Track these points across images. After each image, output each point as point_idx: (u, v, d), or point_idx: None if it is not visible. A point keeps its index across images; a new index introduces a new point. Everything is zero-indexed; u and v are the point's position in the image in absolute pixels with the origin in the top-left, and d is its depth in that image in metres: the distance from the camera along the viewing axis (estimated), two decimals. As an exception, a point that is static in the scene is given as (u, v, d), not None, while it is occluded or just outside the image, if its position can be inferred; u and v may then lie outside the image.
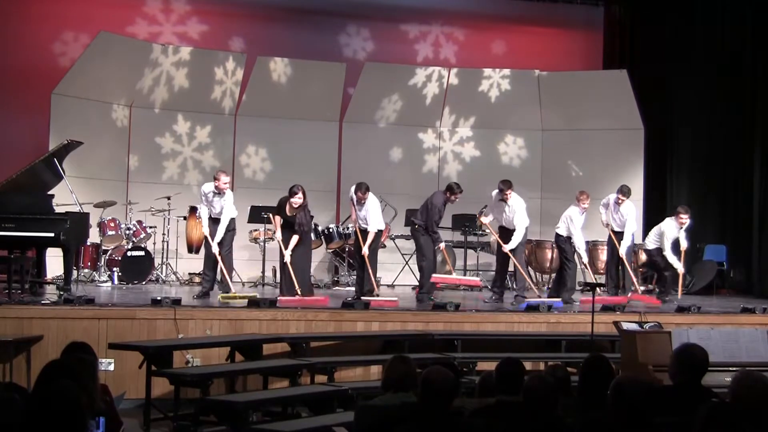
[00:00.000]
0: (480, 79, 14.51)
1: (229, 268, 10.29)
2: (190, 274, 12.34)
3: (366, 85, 14.08)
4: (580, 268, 11.70)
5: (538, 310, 9.52)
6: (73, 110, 12.38)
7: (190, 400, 7.37)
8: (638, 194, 13.51)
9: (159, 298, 8.74)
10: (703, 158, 14.44)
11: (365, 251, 10.26)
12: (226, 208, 10.18)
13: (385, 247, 12.77)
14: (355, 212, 10.52)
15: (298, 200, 9.94)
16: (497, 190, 10.74)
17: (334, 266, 13.35)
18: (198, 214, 10.64)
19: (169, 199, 12.33)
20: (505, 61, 14.99)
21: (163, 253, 12.33)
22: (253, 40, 14.38)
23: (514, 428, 4.09)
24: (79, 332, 7.79)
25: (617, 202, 10.93)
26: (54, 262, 10.44)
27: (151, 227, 12.16)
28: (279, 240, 10.10)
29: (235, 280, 10.77)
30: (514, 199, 10.66)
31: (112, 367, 7.97)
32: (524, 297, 10.57)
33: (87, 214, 10.24)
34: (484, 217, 10.99)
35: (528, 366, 6.68)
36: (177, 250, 12.65)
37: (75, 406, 3.48)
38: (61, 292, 9.19)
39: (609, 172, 13.61)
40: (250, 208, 12.28)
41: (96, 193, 11.94)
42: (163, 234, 12.36)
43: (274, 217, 10.34)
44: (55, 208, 9.72)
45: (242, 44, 14.39)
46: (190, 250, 12.40)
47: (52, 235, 9.22)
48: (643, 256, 12.84)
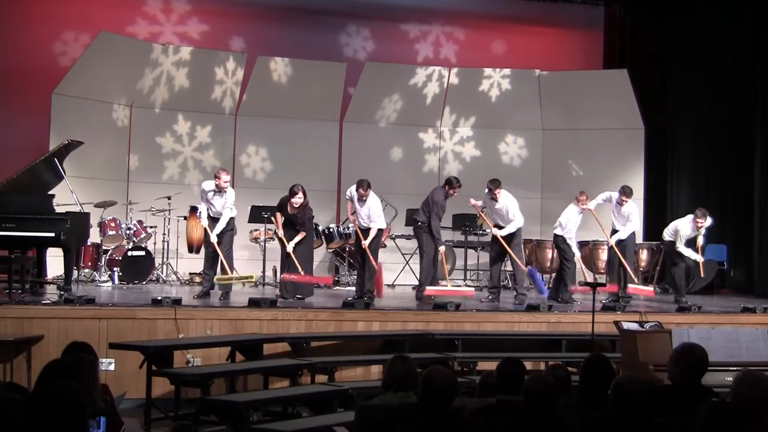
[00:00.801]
0: (480, 78, 14.51)
1: (229, 264, 10.27)
2: (190, 274, 12.35)
3: (366, 85, 14.09)
4: (579, 268, 11.69)
5: (539, 309, 9.52)
6: (74, 110, 12.39)
7: (190, 399, 7.37)
8: (638, 194, 13.50)
9: (159, 298, 8.74)
10: (704, 158, 14.44)
11: (365, 243, 10.25)
12: (227, 208, 10.18)
13: (386, 246, 12.76)
14: (354, 210, 10.51)
15: (298, 200, 9.97)
16: (486, 190, 10.73)
17: (335, 266, 13.35)
18: (198, 214, 10.64)
19: (169, 198, 12.34)
20: (506, 61, 14.99)
21: (163, 253, 12.34)
22: (254, 39, 14.39)
23: (515, 428, 4.09)
24: (80, 332, 7.79)
25: (619, 203, 10.90)
26: (54, 262, 10.44)
27: (151, 227, 12.17)
28: (282, 236, 10.10)
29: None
30: (504, 197, 10.62)
31: (112, 367, 7.97)
32: (525, 296, 10.56)
33: (87, 214, 10.24)
34: (474, 199, 10.94)
35: (528, 366, 6.67)
36: (177, 249, 12.66)
37: (76, 406, 3.48)
38: (62, 292, 9.19)
39: (609, 172, 13.61)
40: (250, 207, 12.28)
41: (96, 192, 11.94)
42: (164, 234, 12.36)
43: (275, 216, 10.35)
44: (55, 208, 9.71)
45: (242, 44, 14.39)
46: (191, 249, 12.40)
47: (53, 235, 9.22)
48: (644, 255, 12.85)
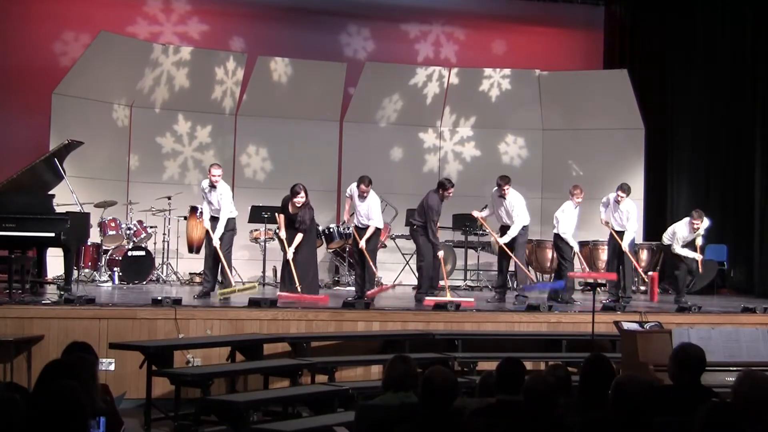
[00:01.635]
0: (480, 78, 14.51)
1: (229, 268, 10.28)
2: (190, 274, 12.35)
3: (366, 85, 14.09)
4: (581, 268, 11.69)
5: (539, 309, 9.52)
6: (74, 110, 12.39)
7: (190, 399, 7.37)
8: (639, 194, 13.51)
9: (159, 298, 8.73)
10: (704, 158, 14.44)
11: (362, 244, 10.25)
12: (224, 205, 10.13)
13: (386, 246, 12.77)
14: (352, 208, 10.49)
15: (300, 199, 9.99)
16: (496, 186, 10.71)
17: (335, 266, 13.35)
18: (199, 214, 10.64)
19: (169, 198, 12.34)
20: (506, 61, 15.00)
21: (163, 253, 12.34)
22: (254, 39, 14.39)
23: (515, 428, 4.09)
24: (80, 332, 7.79)
25: (617, 200, 10.89)
26: (54, 262, 10.43)
27: (151, 227, 12.17)
28: (283, 238, 10.10)
29: (236, 280, 10.76)
30: (512, 195, 10.62)
31: (112, 367, 7.97)
32: (525, 297, 10.56)
33: (87, 214, 10.24)
34: (477, 211, 10.94)
35: (528, 366, 6.67)
36: (177, 249, 12.66)
37: (76, 406, 3.47)
38: (62, 292, 9.19)
39: (609, 172, 13.60)
40: (250, 207, 12.28)
41: (96, 192, 11.94)
42: (164, 234, 12.36)
43: (279, 216, 10.35)
44: (55, 208, 9.71)
45: (243, 44, 14.40)
46: (191, 249, 12.40)
47: (53, 235, 9.21)
48: (644, 255, 12.85)
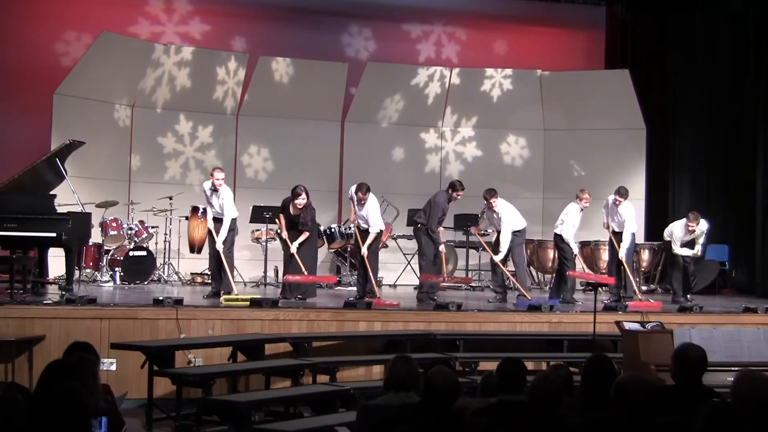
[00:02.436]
0: (482, 78, 14.51)
1: (230, 267, 10.29)
2: (192, 274, 12.35)
3: (368, 85, 14.09)
4: (581, 268, 11.69)
5: (540, 309, 9.51)
6: (75, 110, 12.39)
7: (192, 400, 7.38)
8: (640, 194, 13.52)
9: (161, 298, 8.73)
10: (705, 158, 14.43)
11: (364, 251, 10.26)
12: (227, 208, 10.17)
13: (387, 247, 12.77)
14: (354, 212, 10.53)
15: (302, 201, 10.00)
16: (484, 201, 10.83)
17: (336, 266, 13.35)
18: (199, 214, 10.65)
19: (171, 199, 12.34)
20: (507, 61, 14.99)
21: (165, 253, 12.34)
22: (255, 40, 14.39)
23: (516, 428, 4.09)
24: (81, 332, 7.79)
25: (615, 204, 10.93)
26: (56, 262, 10.44)
27: (153, 227, 12.17)
28: (286, 238, 10.10)
29: (237, 280, 10.76)
30: (500, 205, 10.76)
31: (114, 367, 7.97)
32: (526, 297, 10.55)
33: (89, 214, 10.24)
34: (475, 228, 11.29)
35: (530, 366, 6.68)
36: (179, 250, 12.66)
37: (78, 407, 3.47)
38: (63, 292, 9.18)
39: (611, 172, 13.60)
40: (252, 208, 12.27)
41: (98, 193, 11.94)
42: (165, 234, 12.36)
43: (279, 218, 10.35)
44: (57, 208, 9.70)
45: (244, 44, 14.40)
46: (192, 250, 12.39)
47: (54, 235, 9.21)
48: (645, 255, 12.84)
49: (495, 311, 9.87)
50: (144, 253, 11.65)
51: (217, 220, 10.24)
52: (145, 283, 11.56)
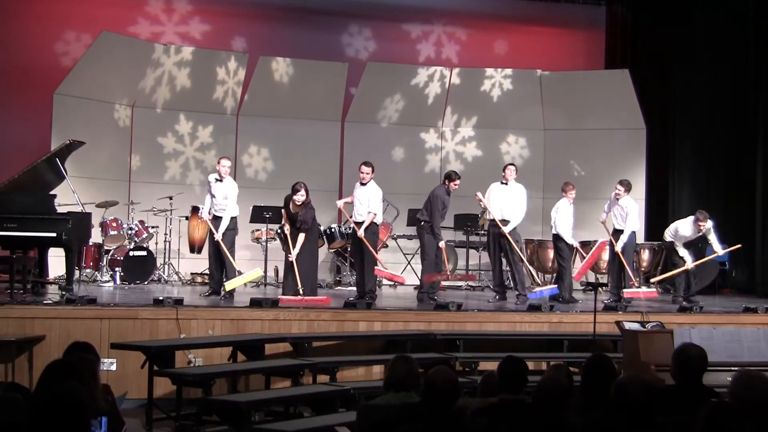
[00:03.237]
0: (482, 78, 14.50)
1: (231, 266, 10.29)
2: (192, 274, 12.35)
3: (368, 85, 14.09)
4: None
5: (540, 309, 9.51)
6: (75, 110, 12.39)
7: (192, 400, 7.38)
8: (640, 194, 13.51)
9: (161, 298, 8.74)
10: (706, 158, 14.43)
11: (361, 233, 10.23)
12: (230, 202, 10.20)
13: (387, 246, 12.77)
14: (354, 195, 10.50)
15: (300, 197, 9.99)
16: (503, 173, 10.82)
17: (336, 266, 13.35)
18: (200, 214, 10.65)
19: (171, 199, 12.34)
20: (507, 61, 14.99)
21: (165, 253, 12.34)
22: (255, 39, 14.39)
23: (517, 427, 4.09)
24: (81, 332, 7.79)
25: (616, 196, 10.89)
26: (56, 262, 10.45)
27: (153, 227, 12.17)
28: (287, 233, 10.09)
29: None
30: (515, 184, 10.73)
31: (114, 367, 7.98)
32: (526, 296, 10.56)
33: (89, 214, 10.25)
34: (480, 194, 10.87)
35: (530, 366, 6.66)
36: (179, 250, 12.66)
37: (78, 407, 3.48)
38: (63, 292, 9.20)
39: (611, 172, 13.56)
40: (252, 207, 12.27)
41: (98, 193, 11.95)
42: (165, 234, 12.36)
43: (283, 212, 10.36)
44: (57, 208, 9.71)
45: (244, 44, 14.40)
46: (192, 250, 12.40)
47: (54, 235, 9.22)
48: (646, 255, 12.83)
49: (495, 311, 9.88)
50: (144, 253, 11.65)
51: (217, 218, 10.25)
52: (145, 283, 11.56)
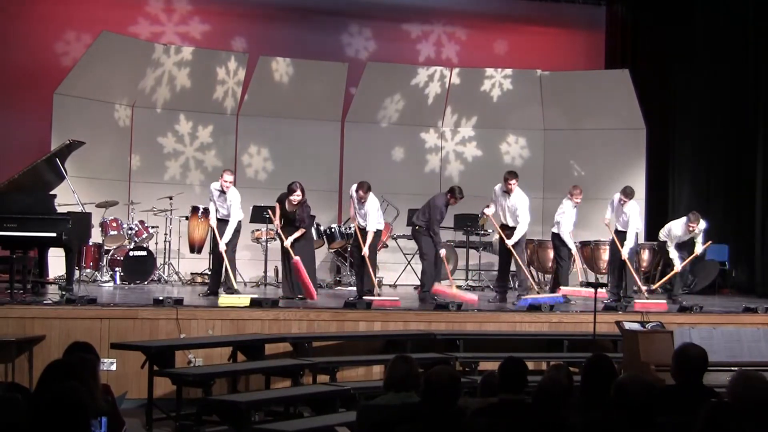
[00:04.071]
0: (482, 78, 14.50)
1: (232, 267, 10.30)
2: (192, 274, 12.35)
3: (368, 85, 14.09)
4: (582, 267, 11.70)
5: (540, 309, 9.51)
6: (76, 110, 12.39)
7: (192, 400, 7.38)
8: (640, 194, 13.47)
9: (161, 298, 8.74)
10: (706, 158, 14.43)
11: (366, 252, 10.27)
12: (233, 211, 10.23)
13: (387, 246, 12.77)
14: (354, 210, 10.54)
15: (296, 197, 10.02)
16: (502, 181, 10.72)
17: (336, 266, 13.35)
18: (200, 214, 10.66)
19: (171, 199, 12.34)
20: (507, 61, 14.99)
21: (165, 253, 12.34)
22: (255, 39, 14.39)
23: (517, 427, 4.09)
24: (81, 332, 7.78)
25: (620, 203, 10.95)
26: (56, 262, 10.44)
27: (153, 227, 12.16)
28: (278, 229, 10.08)
29: (238, 281, 10.76)
30: (518, 193, 10.65)
31: (114, 367, 7.97)
32: (526, 296, 10.55)
33: (89, 214, 10.24)
34: (488, 208, 10.89)
35: (530, 366, 6.66)
36: (179, 250, 12.65)
37: (78, 407, 3.48)
38: (63, 292, 9.19)
39: (611, 172, 13.61)
40: (252, 207, 12.26)
41: (98, 193, 11.94)
42: (165, 234, 12.36)
43: (276, 208, 10.35)
44: (57, 208, 9.71)
45: (244, 44, 14.40)
46: (192, 250, 12.39)
47: (54, 235, 9.21)
48: (646, 255, 12.84)
49: (495, 311, 9.88)
50: (144, 253, 11.64)
51: (222, 221, 10.28)
52: (145, 283, 11.56)
